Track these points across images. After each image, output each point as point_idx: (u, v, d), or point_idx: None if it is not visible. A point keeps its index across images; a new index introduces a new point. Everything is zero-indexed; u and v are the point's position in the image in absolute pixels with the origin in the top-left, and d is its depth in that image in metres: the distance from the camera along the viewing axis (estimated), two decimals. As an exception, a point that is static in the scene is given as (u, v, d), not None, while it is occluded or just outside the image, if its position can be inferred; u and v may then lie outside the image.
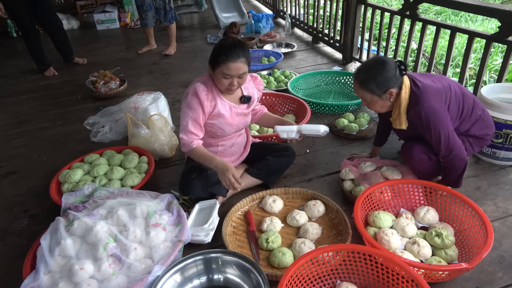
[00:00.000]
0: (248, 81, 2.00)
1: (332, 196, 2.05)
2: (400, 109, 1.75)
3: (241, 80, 1.78)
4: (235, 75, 1.74)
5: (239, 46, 1.71)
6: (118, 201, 1.78)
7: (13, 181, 2.40)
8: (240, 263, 1.50)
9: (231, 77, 1.74)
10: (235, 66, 1.71)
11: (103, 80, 3.45)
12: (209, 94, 1.83)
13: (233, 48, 1.69)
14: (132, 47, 5.00)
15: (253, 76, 2.05)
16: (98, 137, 2.75)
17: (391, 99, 1.75)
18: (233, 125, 1.94)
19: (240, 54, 1.70)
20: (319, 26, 4.42)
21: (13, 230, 1.99)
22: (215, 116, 1.87)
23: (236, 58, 1.70)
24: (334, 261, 1.47)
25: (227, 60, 1.69)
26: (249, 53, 1.76)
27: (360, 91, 1.78)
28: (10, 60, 4.83)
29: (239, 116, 1.95)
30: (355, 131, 2.58)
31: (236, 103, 1.93)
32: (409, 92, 1.74)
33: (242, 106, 1.96)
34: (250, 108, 2.00)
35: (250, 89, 2.01)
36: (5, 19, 5.82)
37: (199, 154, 1.82)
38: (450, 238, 1.63)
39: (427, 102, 1.69)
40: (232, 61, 1.69)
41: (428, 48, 5.16)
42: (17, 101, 3.60)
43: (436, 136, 1.70)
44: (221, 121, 1.89)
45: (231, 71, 1.72)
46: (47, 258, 1.51)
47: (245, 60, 1.74)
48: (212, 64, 1.77)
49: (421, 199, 1.87)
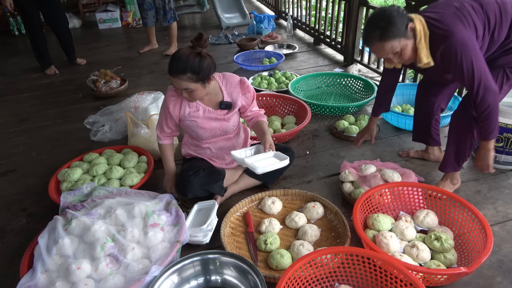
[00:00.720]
0: (234, 86, 1.93)
1: (332, 198, 2.04)
2: (421, 43, 1.62)
3: (191, 94, 1.72)
4: (179, 88, 1.72)
5: (181, 60, 1.63)
6: (117, 201, 1.77)
7: (12, 179, 2.40)
8: (238, 264, 1.50)
9: (179, 90, 1.74)
10: (174, 81, 1.69)
11: (104, 79, 3.45)
12: (178, 98, 1.85)
13: (173, 61, 1.65)
14: (134, 47, 5.00)
15: (242, 82, 1.95)
16: (98, 136, 2.75)
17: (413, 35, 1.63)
18: (206, 129, 1.92)
19: (179, 69, 1.63)
20: (320, 28, 4.41)
21: (11, 228, 1.98)
22: (187, 119, 1.88)
23: (174, 73, 1.66)
24: (333, 263, 1.47)
25: (170, 71, 1.67)
26: (197, 68, 1.64)
27: (385, 45, 1.61)
28: (11, 58, 4.83)
29: (214, 120, 1.92)
30: (355, 133, 2.57)
31: (213, 108, 1.91)
32: (425, 25, 1.62)
33: (219, 111, 1.92)
34: (230, 114, 1.94)
35: (234, 94, 1.93)
36: (7, 17, 5.83)
37: (162, 152, 2.04)
38: (450, 242, 1.62)
39: (455, 34, 1.55)
40: (172, 74, 1.67)
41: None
42: (17, 99, 3.60)
43: (469, 71, 1.57)
44: (193, 124, 1.90)
45: (174, 84, 1.72)
46: (45, 257, 1.51)
47: (187, 77, 1.65)
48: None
49: (420, 202, 1.86)
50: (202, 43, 1.71)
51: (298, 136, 2.66)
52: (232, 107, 1.94)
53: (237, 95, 1.94)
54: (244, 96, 1.96)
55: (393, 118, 2.61)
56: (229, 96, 1.93)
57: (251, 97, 1.98)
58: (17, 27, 5.90)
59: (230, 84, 1.93)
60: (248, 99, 1.97)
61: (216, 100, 1.91)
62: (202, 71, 1.66)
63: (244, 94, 1.96)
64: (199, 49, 1.69)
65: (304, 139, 2.63)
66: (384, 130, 2.66)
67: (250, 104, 1.98)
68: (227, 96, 1.92)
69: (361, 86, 3.20)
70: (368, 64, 3.67)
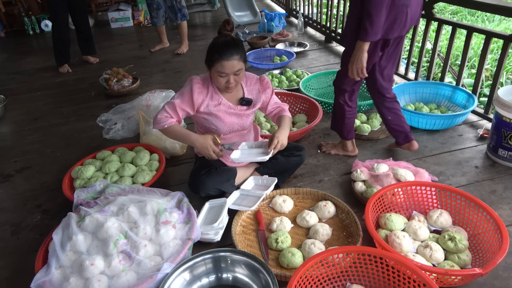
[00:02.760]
0: (254, 83, 1.98)
1: (343, 197, 2.03)
2: None
3: (237, 78, 1.78)
4: (230, 73, 1.74)
5: (232, 44, 1.71)
6: (129, 198, 1.79)
7: (27, 176, 2.44)
8: (249, 262, 1.50)
9: (227, 75, 1.75)
10: (229, 64, 1.71)
11: (116, 77, 3.48)
12: (203, 89, 1.85)
13: (225, 46, 1.69)
14: (145, 45, 5.03)
15: (261, 79, 2.00)
16: (110, 134, 2.78)
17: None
18: (226, 123, 1.93)
19: (233, 51, 1.70)
20: (332, 26, 4.38)
21: (27, 224, 2.02)
22: (207, 113, 1.88)
23: (229, 56, 1.70)
24: (344, 263, 1.46)
25: (221, 58, 1.69)
26: (243, 49, 1.76)
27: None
28: (26, 57, 4.91)
29: (234, 116, 1.94)
30: (367, 131, 2.55)
31: (234, 103, 1.92)
32: None
33: (240, 107, 1.94)
34: (250, 110, 1.97)
35: (254, 91, 1.97)
36: (22, 17, 5.92)
37: (175, 132, 1.87)
38: (464, 242, 1.60)
39: None
40: (226, 59, 1.70)
41: (443, 49, 5.07)
42: (32, 97, 3.66)
43: None
44: (214, 118, 1.90)
45: (226, 69, 1.72)
46: (59, 253, 1.53)
47: (239, 57, 1.73)
48: (207, 63, 1.78)
49: (434, 202, 1.83)
50: (231, 27, 1.82)
51: (309, 134, 2.65)
52: (252, 104, 1.96)
53: (257, 92, 1.98)
54: (264, 93, 1.99)
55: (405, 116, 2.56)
56: (250, 93, 1.96)
57: (270, 92, 2.01)
58: (31, 27, 5.99)
59: (250, 82, 1.97)
60: (267, 95, 2.01)
61: (237, 96, 1.93)
62: (244, 51, 1.77)
63: (264, 90, 2.00)
64: (228, 33, 1.76)
65: (315, 138, 2.61)
66: (396, 128, 2.63)
67: (270, 98, 2.02)
68: (248, 92, 1.96)
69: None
70: (380, 62, 3.62)
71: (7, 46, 5.54)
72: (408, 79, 3.22)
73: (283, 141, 1.86)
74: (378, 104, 2.18)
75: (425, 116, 2.47)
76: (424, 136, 2.52)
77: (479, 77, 2.63)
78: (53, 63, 4.30)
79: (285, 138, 1.88)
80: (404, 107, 2.59)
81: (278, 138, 1.85)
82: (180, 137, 1.90)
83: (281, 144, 1.85)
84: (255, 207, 1.87)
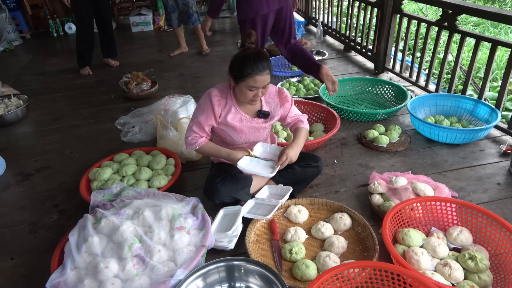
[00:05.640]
0: (273, 96, 1.96)
1: (360, 209, 2.00)
2: None
3: (264, 90, 1.79)
4: (260, 87, 1.74)
5: (263, 58, 1.70)
6: (145, 202, 1.80)
7: (46, 176, 2.48)
8: (263, 273, 1.48)
9: (257, 89, 1.74)
10: (261, 79, 1.70)
11: (135, 81, 3.53)
12: (222, 100, 1.85)
13: (258, 60, 1.68)
14: (164, 50, 5.10)
15: (280, 92, 1.97)
16: (128, 137, 2.81)
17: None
18: (242, 135, 1.93)
19: (265, 66, 1.70)
20: (351, 35, 4.36)
21: (44, 223, 2.05)
22: (224, 123, 1.88)
23: (262, 71, 1.69)
24: (360, 278, 1.43)
25: (254, 73, 1.68)
26: (270, 62, 1.76)
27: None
28: (49, 58, 5.04)
29: (250, 128, 1.93)
30: (385, 143, 2.51)
31: (250, 116, 1.91)
32: None
33: (256, 119, 1.92)
34: (267, 123, 1.96)
35: (272, 104, 1.96)
36: (47, 19, 6.09)
37: (206, 150, 1.93)
38: (485, 262, 1.54)
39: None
40: (259, 74, 1.69)
41: (464, 61, 4.99)
42: (53, 98, 3.74)
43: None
44: (230, 129, 1.90)
45: (258, 84, 1.71)
46: (74, 254, 1.54)
47: (269, 71, 1.74)
48: (235, 77, 1.74)
49: (454, 218, 1.79)
50: (255, 39, 1.83)
51: (326, 144, 2.62)
52: (270, 117, 1.94)
53: (275, 105, 1.96)
54: (282, 107, 1.97)
55: (425, 129, 2.53)
56: (268, 105, 1.94)
57: (289, 105, 1.99)
58: (55, 29, 6.16)
59: (269, 94, 1.95)
60: (286, 108, 1.99)
61: (254, 108, 1.92)
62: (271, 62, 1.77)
63: (283, 104, 1.97)
64: (252, 46, 1.79)
65: (332, 148, 2.59)
66: (416, 141, 2.58)
67: (288, 111, 2.00)
68: (266, 105, 1.94)
69: (393, 94, 3.13)
70: (400, 72, 3.58)
71: (32, 47, 5.69)
72: (428, 91, 3.17)
73: (292, 158, 1.85)
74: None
75: (445, 129, 2.42)
76: (444, 150, 2.47)
77: (503, 91, 2.57)
78: (75, 65, 4.40)
79: (295, 155, 1.87)
80: (424, 119, 2.54)
81: (287, 154, 1.84)
82: (212, 153, 1.96)
83: (290, 161, 1.86)
84: (270, 216, 1.85)
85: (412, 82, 3.39)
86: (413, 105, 2.70)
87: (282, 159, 1.83)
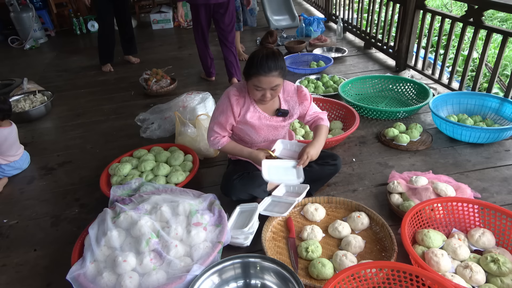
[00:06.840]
0: (291, 94, 1.93)
1: (378, 209, 1.96)
2: None
3: (274, 92, 1.75)
4: (267, 88, 1.71)
5: (272, 58, 1.65)
6: (163, 198, 1.82)
7: (68, 170, 2.55)
8: (278, 270, 1.48)
9: (263, 90, 1.72)
10: (266, 80, 1.67)
11: (155, 78, 3.57)
12: (240, 99, 1.84)
13: (265, 61, 1.64)
14: (184, 47, 5.14)
15: (299, 90, 1.94)
16: (147, 133, 2.85)
17: None
18: (261, 134, 1.92)
19: (272, 67, 1.65)
20: (372, 31, 4.28)
21: (65, 217, 2.10)
22: (243, 122, 1.87)
23: (267, 72, 1.65)
24: (377, 278, 1.40)
25: (258, 73, 1.66)
26: (283, 64, 1.70)
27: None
28: (72, 56, 5.16)
29: (269, 127, 1.92)
30: (406, 142, 2.46)
31: (269, 114, 1.90)
32: None
33: (275, 118, 1.91)
34: (286, 122, 1.94)
35: (291, 102, 1.93)
36: (71, 17, 6.24)
37: (229, 149, 1.95)
38: (508, 265, 1.49)
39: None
40: (263, 74, 1.66)
41: (490, 58, 4.82)
42: (76, 94, 3.83)
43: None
44: (249, 128, 1.89)
45: (263, 84, 1.69)
46: (94, 247, 1.58)
47: (278, 73, 1.68)
48: (245, 75, 1.75)
49: (476, 220, 1.73)
50: (274, 39, 1.78)
51: (344, 142, 2.59)
52: (289, 115, 1.93)
53: (294, 103, 1.93)
54: (301, 105, 1.94)
55: (448, 128, 2.46)
56: (286, 103, 1.92)
57: (308, 104, 1.96)
58: (79, 27, 6.30)
59: (288, 92, 1.93)
60: (305, 107, 1.95)
61: (273, 107, 1.90)
62: (285, 65, 1.72)
63: (302, 102, 1.94)
64: (270, 46, 1.73)
65: (351, 146, 2.55)
66: (437, 140, 2.52)
67: (307, 109, 1.97)
68: (284, 103, 1.92)
69: (414, 92, 3.06)
70: (422, 70, 3.50)
71: (57, 45, 5.84)
72: (451, 89, 3.08)
73: (312, 157, 1.83)
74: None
75: (469, 128, 2.35)
76: (467, 149, 2.40)
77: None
78: (97, 62, 4.49)
79: (316, 153, 1.84)
80: (447, 118, 2.48)
81: (308, 153, 1.81)
82: (234, 152, 1.96)
83: (311, 159, 1.83)
84: (287, 214, 1.84)
85: (435, 80, 3.30)
86: (435, 103, 2.63)
87: (303, 158, 1.81)
